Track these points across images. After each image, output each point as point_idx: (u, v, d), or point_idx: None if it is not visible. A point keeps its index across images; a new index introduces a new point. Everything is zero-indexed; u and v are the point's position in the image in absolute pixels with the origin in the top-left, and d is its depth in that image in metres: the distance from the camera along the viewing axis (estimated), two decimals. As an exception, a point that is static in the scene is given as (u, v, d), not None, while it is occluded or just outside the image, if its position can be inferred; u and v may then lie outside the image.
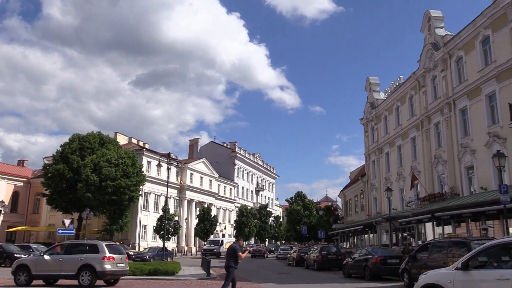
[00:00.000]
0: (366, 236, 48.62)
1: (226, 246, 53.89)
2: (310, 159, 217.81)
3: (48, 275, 19.18)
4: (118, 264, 18.95)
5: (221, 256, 49.04)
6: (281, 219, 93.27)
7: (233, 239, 57.48)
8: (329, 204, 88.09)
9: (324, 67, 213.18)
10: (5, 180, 64.17)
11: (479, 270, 8.46)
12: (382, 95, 50.93)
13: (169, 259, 37.44)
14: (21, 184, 66.93)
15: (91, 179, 47.36)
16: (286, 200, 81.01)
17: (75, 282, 18.59)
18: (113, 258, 18.66)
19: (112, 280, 19.52)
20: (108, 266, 18.33)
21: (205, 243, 62.52)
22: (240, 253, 14.52)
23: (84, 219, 45.93)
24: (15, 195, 65.69)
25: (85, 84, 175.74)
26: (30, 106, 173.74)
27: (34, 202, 67.99)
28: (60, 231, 35.50)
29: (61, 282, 19.82)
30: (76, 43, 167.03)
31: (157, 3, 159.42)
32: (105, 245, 19.13)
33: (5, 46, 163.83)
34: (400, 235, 39.11)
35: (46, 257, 18.95)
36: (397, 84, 46.02)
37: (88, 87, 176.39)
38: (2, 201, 48.58)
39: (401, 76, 45.54)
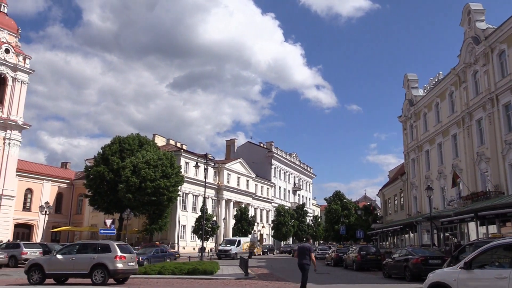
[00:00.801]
0: (406, 236, 47.65)
1: (244, 246, 51.38)
2: (348, 158, 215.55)
3: (61, 274, 19.73)
4: (129, 263, 19.58)
5: (237, 258, 40.55)
6: (319, 219, 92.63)
7: (247, 239, 57.32)
8: (368, 203, 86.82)
9: (360, 65, 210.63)
10: (50, 182, 66.36)
11: (481, 269, 9.08)
12: (420, 92, 49.74)
13: (168, 260, 34.19)
14: (65, 185, 69.06)
15: (131, 180, 48.38)
16: (325, 199, 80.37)
17: (85, 280, 19.19)
18: (124, 257, 19.28)
19: (121, 279, 20.12)
20: (120, 265, 18.96)
21: (220, 243, 59.45)
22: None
23: (124, 219, 47.03)
24: (59, 196, 67.85)
25: (124, 88, 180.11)
26: (73, 110, 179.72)
27: (77, 203, 70.01)
28: (101, 231, 36.38)
29: (71, 280, 20.38)
30: (115, 48, 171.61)
31: (193, 6, 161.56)
32: (116, 244, 19.78)
33: (48, 53, 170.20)
34: (441, 235, 38.12)
35: (59, 256, 19.52)
36: (436, 80, 44.82)
37: (127, 91, 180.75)
38: (47, 202, 50.34)
39: (440, 72, 44.32)
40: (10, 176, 56.96)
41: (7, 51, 58.59)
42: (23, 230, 61.29)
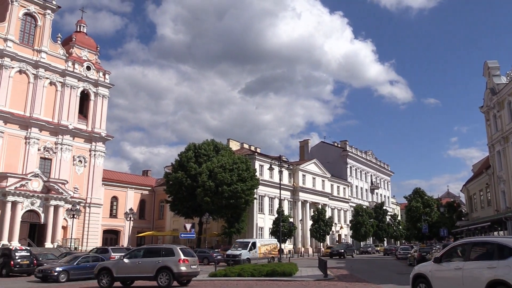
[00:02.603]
0: (496, 233, 44.82)
1: (261, 250, 40.69)
2: (427, 154, 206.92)
3: (128, 277, 20.55)
4: (191, 266, 20.29)
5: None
6: (398, 218, 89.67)
7: (270, 240, 45.90)
8: (451, 200, 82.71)
9: (435, 57, 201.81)
10: (133, 189, 69.73)
11: (447, 262, 12.17)
12: (503, 79, 46.63)
13: None
14: (147, 192, 72.22)
15: (208, 185, 49.59)
16: (405, 197, 77.57)
17: (151, 283, 19.93)
18: (187, 260, 20.03)
19: (185, 281, 20.72)
20: (183, 268, 19.73)
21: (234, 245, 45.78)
22: None
23: (204, 223, 48.27)
24: (142, 203, 71.07)
25: (199, 96, 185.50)
26: (152, 121, 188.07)
27: (159, 209, 72.90)
28: (182, 235, 37.55)
29: (137, 283, 21.20)
30: (189, 58, 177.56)
31: (261, 12, 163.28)
32: (179, 248, 20.48)
33: (126, 68, 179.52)
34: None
35: (126, 260, 20.32)
36: (520, 65, 41.84)
37: (202, 99, 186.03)
38: (131, 209, 52.86)
39: (525, 56, 41.35)
40: (97, 185, 60.63)
41: (88, 68, 62.38)
42: (111, 236, 64.91)
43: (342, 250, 54.38)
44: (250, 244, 39.82)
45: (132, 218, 50.44)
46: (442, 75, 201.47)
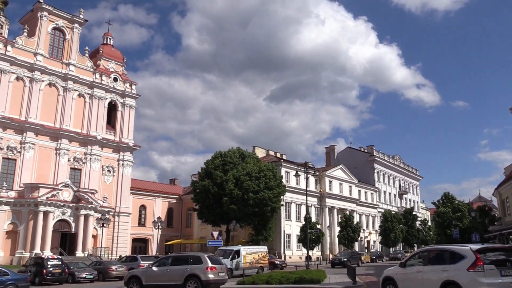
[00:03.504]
0: (530, 237, 43.56)
1: (247, 259, 34.75)
2: (457, 158, 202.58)
3: (157, 285, 20.64)
4: (219, 274, 20.43)
5: (233, 276, 29.93)
6: (429, 223, 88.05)
7: (257, 248, 38.26)
8: (483, 204, 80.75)
9: (463, 59, 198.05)
10: (161, 198, 70.48)
11: (410, 267, 14.47)
12: (534, 80, 45.50)
13: None
14: (174, 201, 72.86)
15: (234, 193, 49.71)
16: (433, 203, 76.14)
17: None
18: (215, 268, 20.15)
19: None
20: (211, 276, 19.86)
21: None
22: None
23: (231, 230, 48.35)
24: (169, 211, 71.71)
25: (224, 105, 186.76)
26: (178, 130, 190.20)
27: (186, 217, 73.40)
28: (209, 243, 37.71)
29: None
30: (214, 67, 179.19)
31: (285, 20, 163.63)
32: (207, 256, 20.71)
33: (153, 78, 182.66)
34: None
35: (155, 268, 20.50)
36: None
37: (227, 107, 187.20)
38: (159, 217, 53.32)
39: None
40: (125, 194, 61.56)
41: (115, 79, 63.59)
42: (139, 244, 65.64)
43: (345, 259, 46.40)
44: (233, 253, 34.46)
45: (160, 227, 50.92)
46: (470, 77, 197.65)
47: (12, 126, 52.60)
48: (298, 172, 41.58)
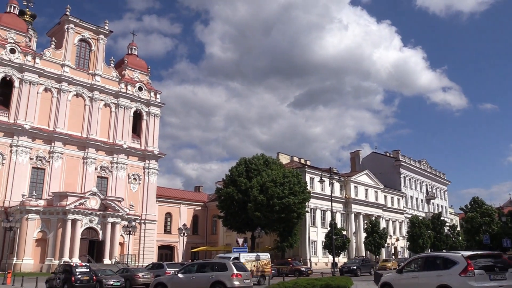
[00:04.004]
0: None
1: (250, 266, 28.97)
2: (486, 162, 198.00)
3: None
4: (244, 281, 20.39)
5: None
6: (457, 228, 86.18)
7: (259, 255, 34.03)
8: (514, 208, 78.71)
9: (490, 61, 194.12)
10: (186, 205, 70.93)
11: (407, 273, 15.65)
12: None
13: None
14: (199, 208, 73.21)
15: (259, 199, 49.67)
16: (461, 209, 74.61)
17: None
18: (240, 275, 20.12)
19: None
20: (236, 283, 19.83)
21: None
22: None
23: (256, 237, 48.25)
24: (195, 218, 72.08)
25: (248, 112, 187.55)
26: (203, 137, 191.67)
27: (211, 224, 73.63)
28: (235, 250, 37.62)
29: None
30: (237, 75, 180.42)
31: (307, 26, 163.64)
32: (232, 263, 20.74)
33: (178, 87, 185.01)
34: None
35: (180, 275, 20.54)
36: None
37: (251, 114, 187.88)
38: (185, 225, 53.69)
39: None
40: (151, 202, 62.22)
41: (140, 88, 64.54)
42: (165, 252, 66.11)
43: (355, 267, 43.08)
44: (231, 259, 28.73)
45: (185, 234, 51.20)
46: (498, 79, 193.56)
47: (41, 136, 53.90)
48: (323, 178, 41.35)
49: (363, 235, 67.43)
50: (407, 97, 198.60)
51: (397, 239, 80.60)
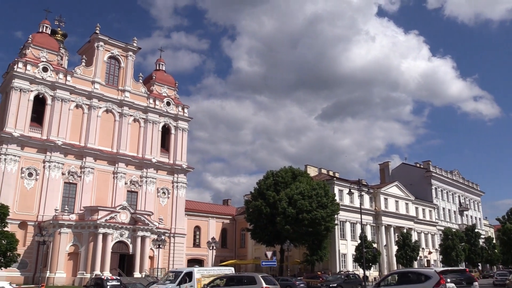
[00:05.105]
0: None
1: (201, 282, 26.43)
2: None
3: None
4: None
5: None
6: (493, 241, 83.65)
7: (221, 269, 30.38)
8: (552, 219, 75.90)
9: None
10: (215, 218, 71.09)
11: (384, 287, 17.77)
12: None
13: None
14: (228, 221, 73.25)
15: (288, 212, 49.39)
16: (497, 219, 72.35)
17: None
18: None
19: None
20: None
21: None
22: None
23: (285, 250, 48.00)
24: (223, 232, 72.10)
25: (276, 125, 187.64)
26: (231, 151, 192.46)
27: (240, 237, 73.50)
28: (263, 263, 37.57)
29: None
30: (264, 89, 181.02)
31: (334, 38, 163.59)
32: (261, 276, 20.75)
33: (205, 101, 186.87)
34: None
35: None
36: None
37: (279, 127, 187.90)
38: (213, 238, 53.73)
39: None
40: (180, 215, 62.62)
41: (168, 103, 65.44)
42: (195, 265, 66.15)
43: (334, 285, 38.57)
44: (182, 275, 26.60)
45: (214, 247, 51.25)
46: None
47: (73, 152, 55.13)
48: (352, 190, 40.81)
49: (395, 248, 66.16)
50: (437, 107, 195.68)
51: (430, 252, 78.72)
